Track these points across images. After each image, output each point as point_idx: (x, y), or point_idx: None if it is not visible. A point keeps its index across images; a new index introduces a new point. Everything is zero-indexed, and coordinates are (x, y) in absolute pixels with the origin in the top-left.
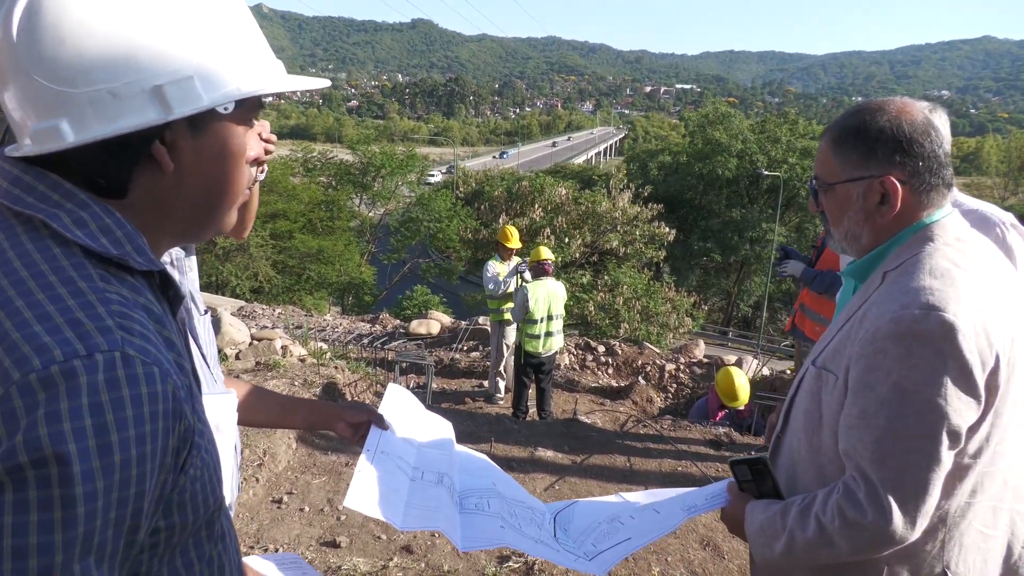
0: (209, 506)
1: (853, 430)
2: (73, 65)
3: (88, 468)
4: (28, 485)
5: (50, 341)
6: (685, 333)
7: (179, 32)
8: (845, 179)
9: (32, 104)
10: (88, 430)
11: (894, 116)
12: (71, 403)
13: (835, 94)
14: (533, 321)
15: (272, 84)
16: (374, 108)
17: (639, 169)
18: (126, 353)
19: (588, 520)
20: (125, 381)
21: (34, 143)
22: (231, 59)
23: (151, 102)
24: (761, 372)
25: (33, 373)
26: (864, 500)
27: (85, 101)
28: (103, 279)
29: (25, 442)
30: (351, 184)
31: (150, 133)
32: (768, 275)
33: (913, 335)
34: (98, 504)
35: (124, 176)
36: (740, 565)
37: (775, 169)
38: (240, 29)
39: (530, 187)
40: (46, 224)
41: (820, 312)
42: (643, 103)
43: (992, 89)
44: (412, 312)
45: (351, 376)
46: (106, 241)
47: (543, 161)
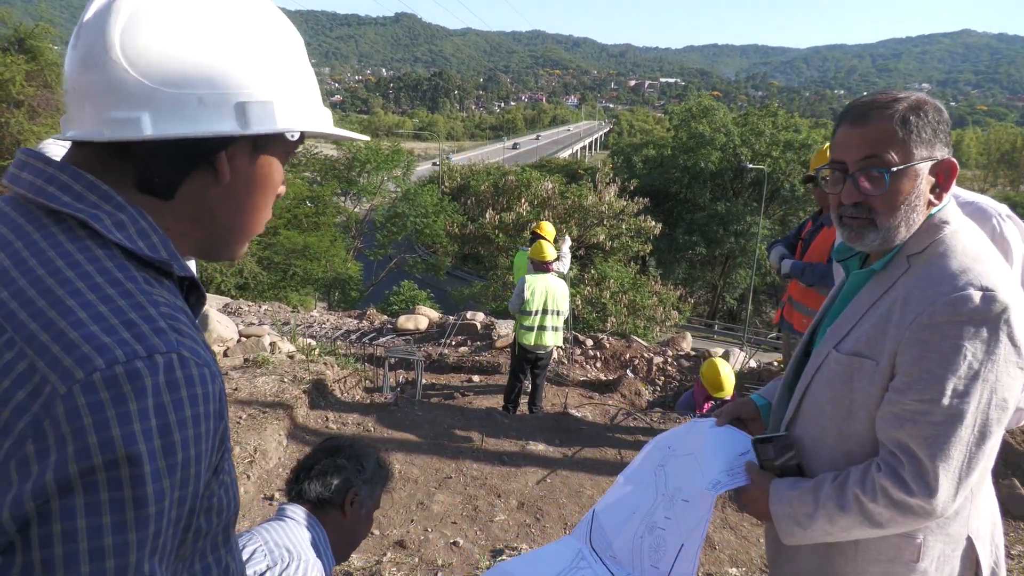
0: (230, 511)
1: (905, 412)
2: (173, 67)
3: (156, 468)
4: (99, 487)
5: (110, 341)
6: (672, 326)
7: (269, 60)
8: (918, 160)
9: (118, 94)
10: (154, 431)
11: (930, 101)
12: (139, 404)
13: (818, 87)
14: (528, 313)
15: (330, 128)
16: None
17: (624, 163)
18: (182, 355)
19: (625, 534)
20: (183, 382)
21: (108, 129)
22: (303, 95)
23: (233, 115)
24: (748, 364)
25: (97, 372)
26: (910, 478)
27: (173, 101)
28: (147, 281)
29: (100, 443)
30: (336, 179)
31: (220, 143)
32: (753, 268)
33: (971, 317)
34: (165, 503)
35: (181, 178)
36: (731, 555)
37: (759, 162)
38: (307, 76)
39: (516, 181)
40: (84, 224)
41: (808, 304)
42: (628, 97)
43: (971, 82)
44: (399, 308)
45: (340, 372)
46: (144, 245)
47: (528, 155)
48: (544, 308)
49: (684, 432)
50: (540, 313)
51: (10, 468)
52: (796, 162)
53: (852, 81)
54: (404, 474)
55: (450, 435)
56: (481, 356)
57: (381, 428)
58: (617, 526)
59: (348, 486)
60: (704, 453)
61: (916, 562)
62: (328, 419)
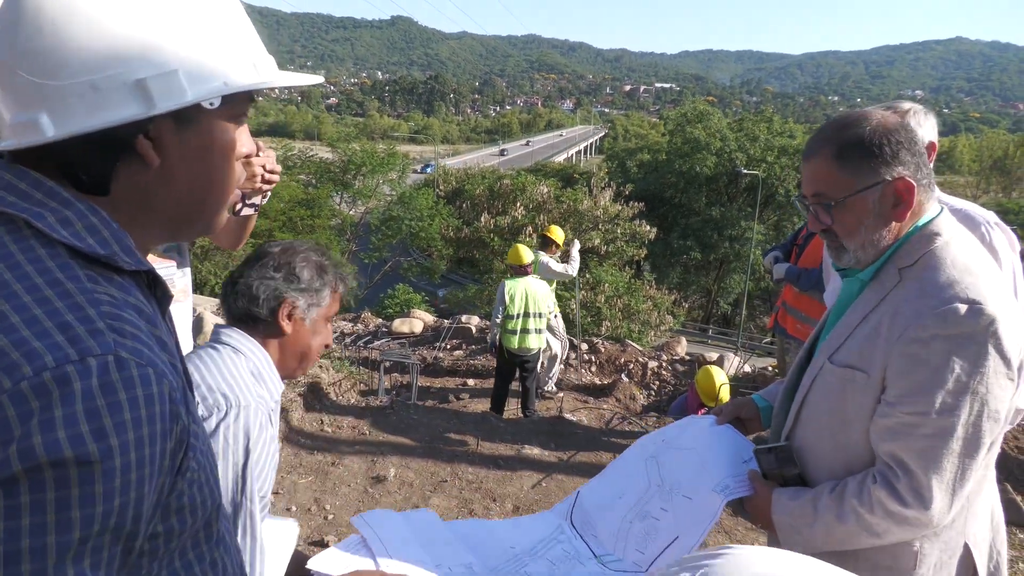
0: (207, 508)
1: (896, 424)
2: (53, 56)
3: (87, 473)
4: (20, 491)
5: (40, 347)
6: (666, 331)
7: (164, 25)
8: (859, 189)
9: (11, 97)
10: (86, 435)
11: (880, 121)
12: (66, 410)
13: (812, 93)
14: (510, 317)
15: (260, 79)
16: (353, 106)
17: (619, 167)
18: (119, 356)
19: (610, 517)
20: (120, 384)
21: (13, 137)
22: (219, 53)
23: (133, 96)
24: (743, 369)
25: (24, 381)
26: (904, 490)
27: (65, 94)
28: (91, 279)
29: (19, 451)
30: (331, 182)
31: (134, 127)
32: (747, 273)
33: (959, 330)
34: (97, 509)
35: (107, 171)
36: None
37: (754, 167)
38: (230, 23)
39: (512, 185)
40: (29, 224)
41: (801, 309)
42: (623, 102)
43: (964, 89)
44: (394, 311)
45: (335, 375)
46: (92, 241)
47: (523, 159)
48: (525, 311)
49: (681, 427)
50: (522, 316)
51: None
52: (791, 167)
53: (846, 87)
54: (399, 478)
55: (445, 439)
56: (476, 360)
57: (376, 432)
58: (601, 508)
59: (279, 298)
60: (707, 451)
61: (914, 569)
62: (323, 422)
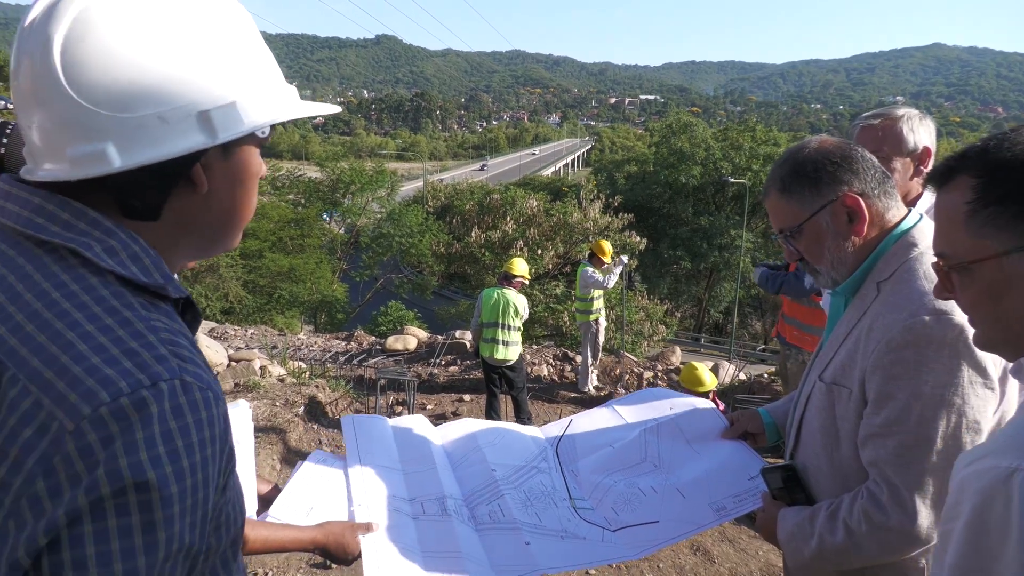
0: (238, 525)
1: (876, 438)
2: (124, 91)
3: (167, 495)
4: (108, 514)
5: (113, 373)
6: (659, 341)
7: (222, 61)
8: (809, 215)
9: (74, 129)
10: (163, 458)
11: (816, 147)
12: (145, 432)
13: (795, 101)
14: (482, 325)
15: (298, 110)
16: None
17: (607, 179)
18: (185, 380)
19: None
20: (188, 408)
21: (74, 168)
22: (264, 85)
23: (198, 127)
24: (738, 376)
25: (104, 406)
26: (888, 504)
27: (133, 126)
28: (144, 307)
29: (107, 473)
30: (320, 201)
31: (193, 156)
32: (737, 281)
33: (927, 341)
34: (175, 529)
35: (163, 198)
36: (730, 568)
37: (740, 176)
38: (265, 58)
39: (501, 200)
40: (76, 253)
41: (797, 318)
42: (609, 114)
43: (944, 94)
44: (387, 328)
45: (332, 394)
46: (136, 269)
47: (513, 173)
48: (494, 321)
49: (692, 411)
50: (492, 326)
51: (22, 506)
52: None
53: (828, 95)
54: None
55: None
56: (471, 375)
57: None
58: (589, 449)
59: None
60: (713, 461)
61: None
62: (321, 442)
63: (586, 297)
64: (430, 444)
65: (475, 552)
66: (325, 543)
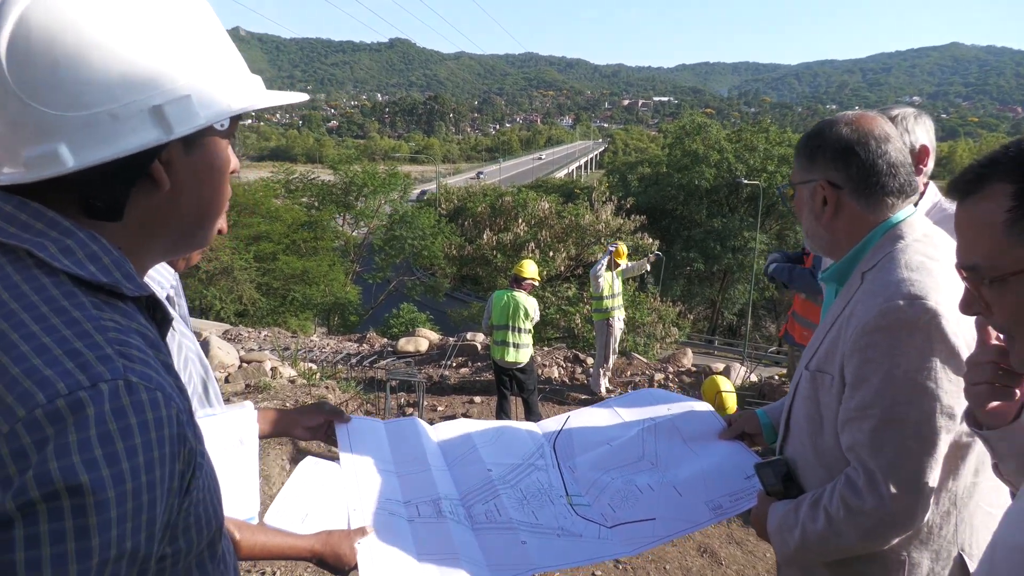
0: (212, 528)
1: (852, 422)
2: (71, 88)
3: (104, 498)
4: (39, 519)
5: (52, 374)
6: (672, 343)
7: (174, 52)
8: (798, 181)
9: (25, 130)
10: (99, 460)
11: (842, 126)
12: (80, 435)
13: (809, 102)
14: (493, 327)
15: (259, 100)
16: (354, 128)
17: (620, 181)
18: (129, 380)
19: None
20: (131, 409)
21: (29, 170)
22: (220, 77)
23: (152, 122)
24: (749, 378)
25: (39, 408)
26: (863, 488)
27: (84, 124)
28: (96, 307)
29: (35, 477)
30: (334, 204)
31: (150, 153)
32: (751, 283)
33: (900, 325)
34: (112, 533)
35: (123, 197)
36: (737, 570)
37: (754, 177)
38: (224, 48)
39: (513, 202)
40: (31, 254)
41: (808, 317)
42: (622, 116)
43: (962, 94)
44: (399, 330)
45: (342, 396)
46: (94, 268)
47: (525, 176)
48: (505, 323)
49: (690, 413)
50: (500, 328)
51: None
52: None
53: (843, 96)
54: None
55: None
56: (482, 376)
57: None
58: (587, 446)
59: None
60: (710, 461)
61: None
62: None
63: (599, 295)
64: (424, 445)
65: (471, 553)
66: (322, 553)
